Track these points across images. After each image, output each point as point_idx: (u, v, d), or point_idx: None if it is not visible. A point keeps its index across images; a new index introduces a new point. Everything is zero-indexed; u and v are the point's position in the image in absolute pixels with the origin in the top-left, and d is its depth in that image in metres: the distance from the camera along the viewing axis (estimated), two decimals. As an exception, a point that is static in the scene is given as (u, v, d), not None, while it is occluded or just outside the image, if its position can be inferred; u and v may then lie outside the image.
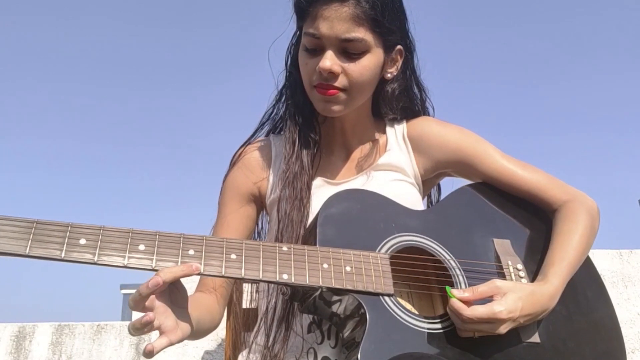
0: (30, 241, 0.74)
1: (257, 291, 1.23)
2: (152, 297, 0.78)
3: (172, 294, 0.82)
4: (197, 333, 0.98)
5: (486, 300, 0.89)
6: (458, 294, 0.89)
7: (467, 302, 0.88)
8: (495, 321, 0.88)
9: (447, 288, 0.91)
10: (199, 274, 0.81)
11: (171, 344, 0.79)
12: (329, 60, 1.00)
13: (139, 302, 0.77)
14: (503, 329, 0.89)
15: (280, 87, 1.17)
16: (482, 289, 0.90)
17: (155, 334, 0.80)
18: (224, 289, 1.12)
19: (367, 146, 1.17)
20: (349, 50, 1.02)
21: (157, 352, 0.77)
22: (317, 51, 1.03)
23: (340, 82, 1.03)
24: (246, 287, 1.33)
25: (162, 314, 0.79)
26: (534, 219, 1.11)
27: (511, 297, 0.89)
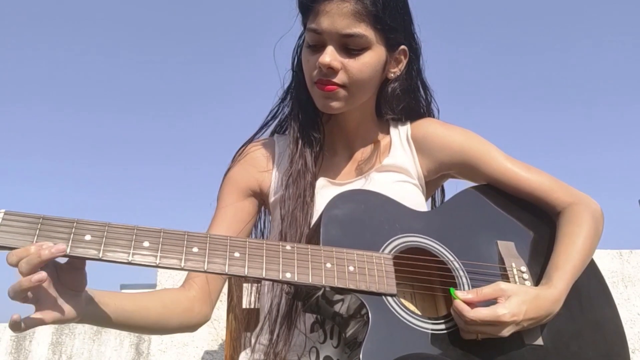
0: (36, 237, 0.75)
1: (258, 291, 1.23)
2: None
3: (63, 273, 0.80)
4: (135, 326, 0.95)
5: (490, 302, 0.89)
6: (462, 295, 0.89)
7: (471, 304, 0.88)
8: (499, 324, 0.87)
9: (451, 289, 0.91)
10: (91, 259, 0.77)
11: (43, 323, 0.77)
12: (329, 56, 1.01)
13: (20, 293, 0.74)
14: (506, 332, 0.88)
15: (286, 87, 1.18)
16: (487, 290, 0.90)
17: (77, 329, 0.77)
18: (212, 283, 1.09)
19: (370, 147, 1.17)
20: (350, 46, 1.02)
21: (26, 329, 0.75)
22: (318, 47, 1.03)
23: (340, 78, 1.03)
24: (246, 288, 1.33)
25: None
26: (537, 222, 1.11)
27: (515, 300, 0.89)
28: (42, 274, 0.73)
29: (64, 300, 0.79)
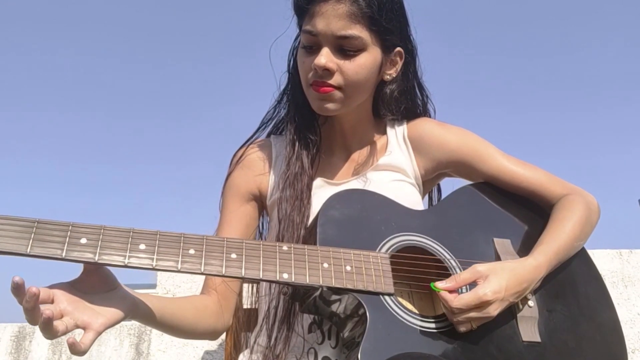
0: (31, 240, 0.74)
1: (257, 291, 1.23)
2: (48, 301, 0.75)
3: (85, 281, 0.80)
4: (173, 327, 0.96)
5: (471, 287, 0.90)
6: (442, 285, 0.90)
7: (453, 292, 0.90)
8: (483, 304, 0.88)
9: (432, 284, 0.91)
10: (61, 260, 0.75)
11: (98, 334, 0.76)
12: (324, 57, 1.01)
13: (32, 315, 0.72)
14: (494, 311, 0.89)
15: (282, 89, 1.18)
16: (464, 276, 0.91)
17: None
18: (228, 291, 1.11)
19: (367, 147, 1.17)
20: (345, 48, 1.02)
21: (87, 348, 0.74)
22: (313, 49, 1.03)
23: (336, 80, 1.03)
24: (246, 287, 1.33)
25: (72, 311, 0.76)
26: (535, 218, 1.11)
27: (494, 278, 0.90)
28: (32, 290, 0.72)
29: (103, 305, 0.79)
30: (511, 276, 0.92)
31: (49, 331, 0.72)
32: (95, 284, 0.81)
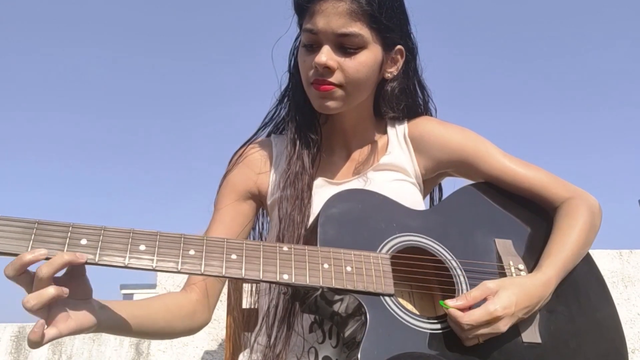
0: (31, 242, 0.74)
1: (257, 292, 1.23)
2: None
3: (66, 285, 0.79)
4: (145, 332, 0.96)
5: (481, 304, 0.90)
6: (452, 303, 0.89)
7: (463, 309, 0.89)
8: (493, 320, 0.88)
9: (441, 302, 0.91)
10: (88, 264, 0.77)
11: (60, 335, 0.76)
12: (325, 55, 1.01)
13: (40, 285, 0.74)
14: (503, 327, 0.89)
15: (283, 89, 1.17)
16: (475, 293, 0.90)
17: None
18: (211, 287, 1.09)
19: (368, 146, 1.17)
20: (346, 46, 1.02)
21: (45, 342, 0.75)
22: (314, 47, 1.03)
23: (337, 77, 1.03)
24: (246, 287, 1.33)
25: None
26: (536, 219, 1.11)
27: (504, 293, 0.90)
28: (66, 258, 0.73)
29: (76, 310, 0.79)
30: (521, 291, 0.91)
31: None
32: (75, 289, 0.80)
